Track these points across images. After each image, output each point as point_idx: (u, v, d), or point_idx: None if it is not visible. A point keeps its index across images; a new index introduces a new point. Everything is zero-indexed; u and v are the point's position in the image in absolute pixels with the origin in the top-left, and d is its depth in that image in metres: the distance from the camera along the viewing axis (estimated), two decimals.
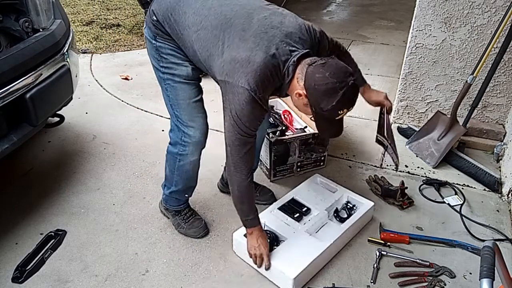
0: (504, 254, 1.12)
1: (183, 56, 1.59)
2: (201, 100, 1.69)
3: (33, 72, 1.84)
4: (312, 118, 1.47)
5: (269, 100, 2.69)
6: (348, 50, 1.80)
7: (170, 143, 1.79)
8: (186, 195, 1.92)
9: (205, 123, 1.71)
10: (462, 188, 2.24)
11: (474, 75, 2.28)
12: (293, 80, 1.41)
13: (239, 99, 1.38)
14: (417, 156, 2.52)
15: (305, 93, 1.38)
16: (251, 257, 1.71)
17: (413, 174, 2.37)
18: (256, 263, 1.69)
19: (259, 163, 2.37)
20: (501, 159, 2.46)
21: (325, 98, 1.35)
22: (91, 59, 3.93)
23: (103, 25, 4.81)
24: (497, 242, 1.18)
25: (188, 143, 1.70)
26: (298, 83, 1.40)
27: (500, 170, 2.39)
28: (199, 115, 1.69)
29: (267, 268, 1.67)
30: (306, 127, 2.49)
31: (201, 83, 1.71)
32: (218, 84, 1.47)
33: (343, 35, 4.65)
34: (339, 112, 1.38)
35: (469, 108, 2.45)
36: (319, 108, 1.38)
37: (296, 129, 2.46)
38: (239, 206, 1.65)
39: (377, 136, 1.94)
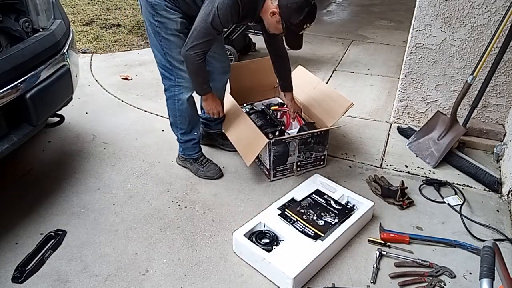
0: (504, 254, 1.12)
1: (174, 10, 1.89)
2: None
3: (33, 72, 1.85)
4: (282, 34, 1.85)
5: (268, 101, 2.73)
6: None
7: (165, 90, 2.13)
8: (196, 133, 2.26)
9: None
10: (462, 188, 2.24)
11: (474, 75, 2.28)
12: (267, 1, 1.79)
13: None
14: (417, 156, 2.52)
15: (278, 11, 1.75)
16: (210, 114, 2.17)
17: (413, 174, 2.37)
18: (215, 116, 2.17)
19: (261, 164, 2.37)
20: (501, 159, 2.46)
21: (295, 14, 1.73)
22: (91, 59, 3.93)
23: (103, 25, 4.81)
24: (497, 242, 1.18)
25: (182, 82, 2.05)
26: (272, 3, 1.78)
27: (500, 170, 2.39)
28: None
29: (223, 116, 2.24)
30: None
31: None
32: None
33: (343, 35, 4.65)
34: (304, 26, 1.77)
35: (469, 108, 2.45)
36: (289, 23, 1.77)
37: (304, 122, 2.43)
38: (195, 78, 2.00)
39: None
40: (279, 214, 1.91)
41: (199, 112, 2.31)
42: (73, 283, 1.69)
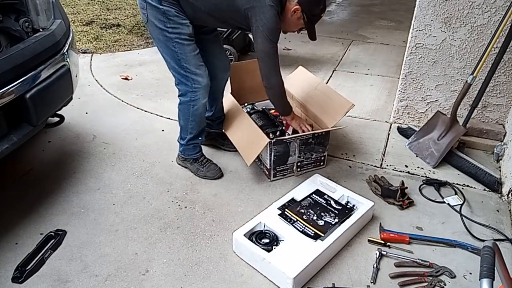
0: (504, 254, 1.12)
1: (185, 16, 1.94)
2: (199, 53, 2.04)
3: (33, 72, 1.84)
4: (303, 28, 1.99)
5: (268, 102, 2.72)
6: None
7: (180, 95, 2.14)
8: (200, 138, 2.29)
9: (206, 70, 2.08)
10: (462, 188, 2.24)
11: (474, 75, 2.29)
12: (287, 3, 1.91)
13: (269, 15, 1.84)
14: (417, 156, 2.52)
15: (299, 7, 1.89)
16: (301, 130, 2.22)
17: (413, 174, 2.37)
18: (306, 130, 2.22)
19: (261, 164, 2.37)
20: (501, 159, 2.46)
21: (315, 5, 1.92)
22: (91, 59, 3.93)
23: (103, 25, 4.81)
24: (497, 242, 1.18)
25: (199, 88, 2.06)
26: (291, 4, 1.90)
27: (500, 170, 2.39)
28: (202, 64, 2.05)
29: (312, 125, 2.29)
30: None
31: None
32: (243, 12, 1.87)
33: (343, 35, 4.65)
34: (321, 15, 1.96)
35: (469, 108, 2.45)
36: (311, 15, 1.93)
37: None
38: (282, 101, 2.16)
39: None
40: (279, 214, 1.91)
41: None
42: (73, 283, 1.69)
